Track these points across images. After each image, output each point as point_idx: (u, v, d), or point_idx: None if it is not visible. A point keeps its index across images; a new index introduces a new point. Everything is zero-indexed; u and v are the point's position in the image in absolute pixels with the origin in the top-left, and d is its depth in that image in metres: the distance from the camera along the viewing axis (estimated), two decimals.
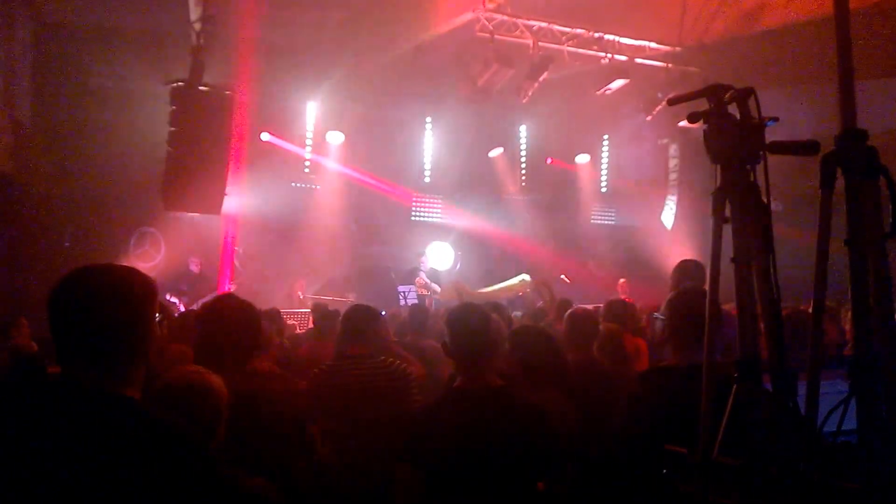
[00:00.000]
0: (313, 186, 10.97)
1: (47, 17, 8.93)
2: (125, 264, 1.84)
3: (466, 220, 11.56)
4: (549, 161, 11.46)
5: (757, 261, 1.84)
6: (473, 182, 11.68)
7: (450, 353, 2.51)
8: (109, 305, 1.63)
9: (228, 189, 9.27)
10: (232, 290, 9.27)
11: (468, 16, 7.88)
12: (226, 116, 9.01)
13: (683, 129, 10.27)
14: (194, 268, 9.52)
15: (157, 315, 1.87)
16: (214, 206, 9.10)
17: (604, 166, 12.73)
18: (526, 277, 9.69)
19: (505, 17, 7.90)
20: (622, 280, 10.26)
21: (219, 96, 8.97)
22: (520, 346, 2.93)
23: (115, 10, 8.50)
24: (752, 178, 1.89)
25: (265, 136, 10.27)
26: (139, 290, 1.70)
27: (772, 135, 1.95)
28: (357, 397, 3.22)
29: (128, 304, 1.66)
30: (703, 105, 1.99)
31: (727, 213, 1.90)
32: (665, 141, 11.31)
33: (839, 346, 4.01)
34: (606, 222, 12.69)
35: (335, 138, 10.86)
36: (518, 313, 7.98)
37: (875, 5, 6.22)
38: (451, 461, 2.32)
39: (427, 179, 11.80)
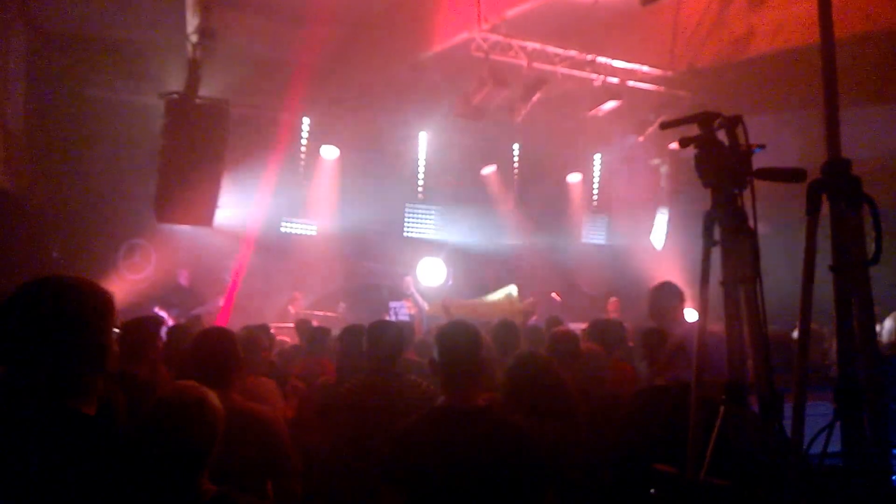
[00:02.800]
0: (306, 202, 10.97)
1: (42, 27, 8.94)
2: (84, 277, 1.79)
3: (459, 236, 11.60)
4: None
5: (745, 284, 1.88)
6: (467, 198, 11.74)
7: (437, 369, 2.49)
8: (70, 318, 1.62)
9: (221, 202, 9.31)
10: (221, 303, 9.22)
11: (464, 36, 7.97)
12: (220, 129, 9.01)
13: (674, 150, 10.37)
14: (183, 280, 9.48)
15: (114, 329, 1.87)
16: (206, 219, 9.06)
17: (595, 186, 12.83)
18: (512, 291, 9.66)
19: (500, 38, 7.98)
20: (613, 299, 10.29)
21: (214, 109, 8.98)
22: (517, 377, 2.87)
23: (111, 21, 8.53)
24: (739, 203, 1.94)
25: (258, 153, 10.22)
26: (99, 304, 1.69)
27: (759, 160, 2.00)
28: (385, 415, 3.13)
29: (87, 317, 1.65)
30: (693, 130, 2.05)
31: (716, 236, 1.95)
32: (656, 162, 11.41)
33: (820, 368, 4.04)
34: (597, 241, 12.76)
35: (329, 153, 10.90)
36: None
37: (861, 34, 6.34)
38: (432, 480, 2.29)
39: (420, 195, 11.85)
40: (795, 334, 3.58)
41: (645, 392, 2.57)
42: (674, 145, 10.12)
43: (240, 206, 9.63)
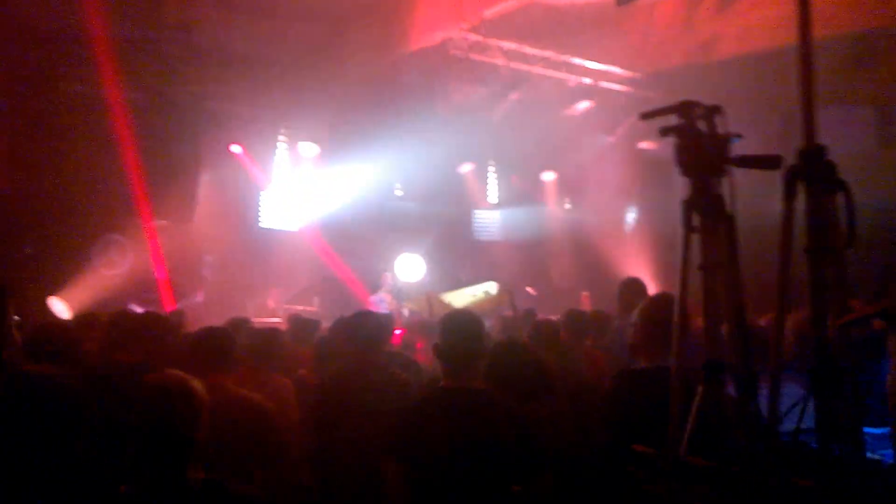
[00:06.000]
0: (284, 196, 10.88)
1: (19, 19, 8.71)
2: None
3: (437, 232, 11.60)
4: (513, 179, 11.65)
5: (723, 268, 1.91)
6: (444, 195, 11.74)
7: (441, 353, 2.55)
8: None
9: (199, 198, 9.20)
10: (200, 298, 9.08)
11: (442, 35, 7.97)
12: (198, 125, 8.95)
13: (644, 150, 10.50)
14: (160, 275, 9.30)
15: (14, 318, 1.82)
16: (184, 215, 8.99)
17: (568, 183, 12.93)
18: (491, 288, 9.72)
19: (479, 38, 8.00)
20: (585, 293, 10.38)
21: (191, 105, 8.90)
22: (499, 364, 2.90)
23: (88, 15, 8.34)
24: (718, 191, 1.96)
25: (236, 149, 10.17)
26: None
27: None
28: (365, 406, 3.14)
29: None
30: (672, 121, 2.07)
31: (695, 223, 1.97)
32: (626, 161, 11.54)
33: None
34: (570, 236, 12.87)
35: (308, 150, 10.79)
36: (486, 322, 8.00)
37: (820, 39, 6.46)
38: (434, 457, 2.35)
39: (399, 192, 11.81)
40: (763, 322, 3.66)
41: (625, 374, 2.60)
42: (644, 144, 10.24)
43: (218, 202, 9.51)
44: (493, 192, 12.43)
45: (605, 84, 9.23)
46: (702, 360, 1.91)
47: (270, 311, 9.43)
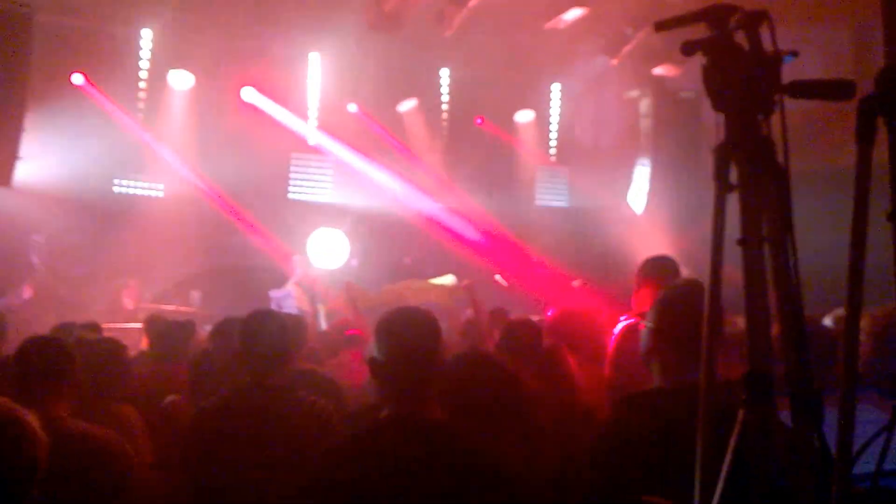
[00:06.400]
0: (149, 150, 10.68)
1: None
2: None
3: (368, 198, 11.54)
4: (478, 121, 11.65)
5: (771, 243, 1.89)
6: (377, 146, 11.66)
7: (379, 371, 2.52)
8: None
9: (23, 151, 9.01)
10: (27, 294, 8.89)
11: None
12: (20, 45, 8.77)
13: (659, 77, 10.58)
14: None
15: None
16: (2, 175, 8.84)
17: (553, 128, 12.96)
18: (447, 282, 9.84)
19: None
20: (578, 282, 10.47)
21: (9, 15, 8.66)
22: (461, 379, 2.92)
23: None
24: (765, 132, 1.93)
25: (78, 80, 9.99)
26: None
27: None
28: (266, 447, 3.17)
29: None
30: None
31: (733, 179, 1.94)
32: (635, 94, 11.63)
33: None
34: (556, 203, 12.92)
35: (181, 80, 10.63)
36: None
37: None
38: None
39: (312, 141, 11.70)
40: (828, 321, 3.71)
41: (634, 398, 2.60)
42: (659, 69, 10.30)
43: (50, 156, 9.35)
44: (446, 140, 12.37)
45: None
46: (742, 374, 1.89)
47: (128, 312, 9.30)
